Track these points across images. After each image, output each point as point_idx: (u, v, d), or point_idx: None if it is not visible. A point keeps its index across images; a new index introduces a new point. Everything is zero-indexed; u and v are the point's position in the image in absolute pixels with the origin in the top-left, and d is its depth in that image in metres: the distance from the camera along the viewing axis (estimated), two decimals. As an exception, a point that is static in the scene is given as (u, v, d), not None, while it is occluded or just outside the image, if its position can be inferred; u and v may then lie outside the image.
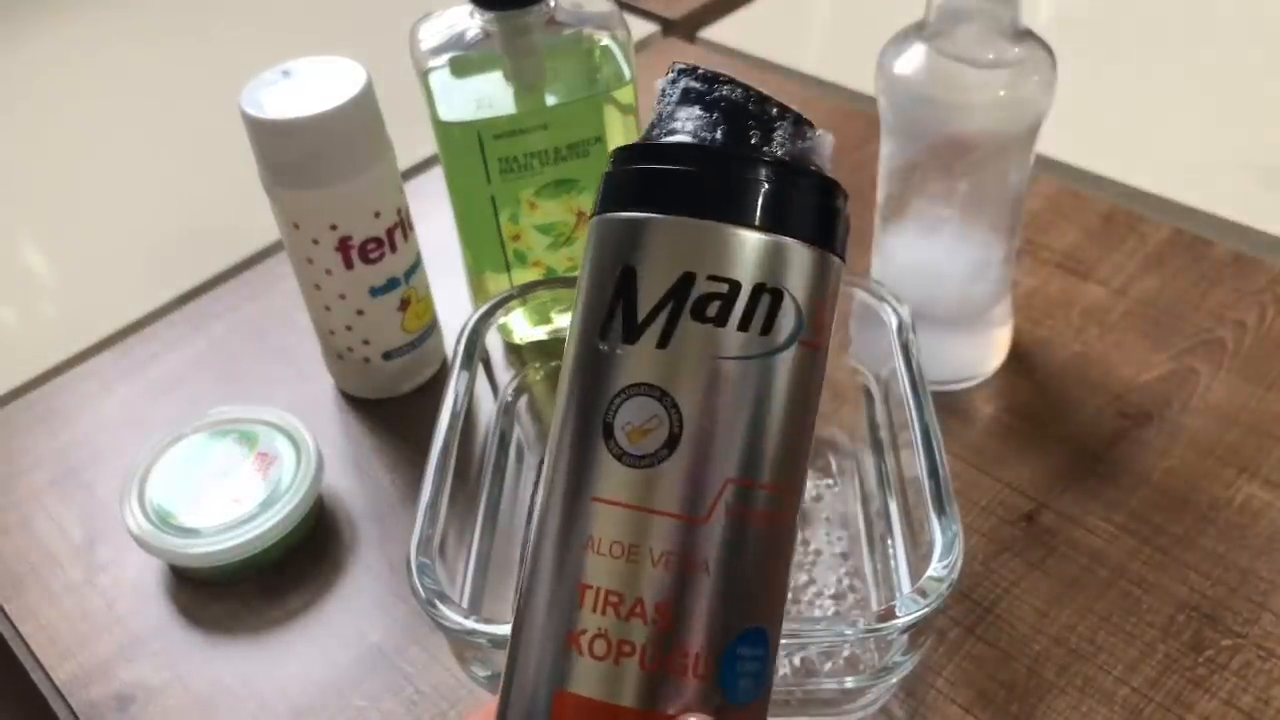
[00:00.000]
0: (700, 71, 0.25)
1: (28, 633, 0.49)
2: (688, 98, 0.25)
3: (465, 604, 0.39)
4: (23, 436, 0.59)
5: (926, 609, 0.36)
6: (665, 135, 0.25)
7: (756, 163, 0.24)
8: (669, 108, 0.25)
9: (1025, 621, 0.45)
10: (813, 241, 0.24)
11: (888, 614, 0.36)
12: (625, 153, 0.25)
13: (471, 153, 0.51)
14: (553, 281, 0.52)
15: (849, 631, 0.37)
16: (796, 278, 0.24)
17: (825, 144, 0.25)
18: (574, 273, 0.56)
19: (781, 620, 0.25)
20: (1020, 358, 0.56)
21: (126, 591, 0.50)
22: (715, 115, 0.24)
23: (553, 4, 0.51)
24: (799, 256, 0.24)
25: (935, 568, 0.37)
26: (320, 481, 0.51)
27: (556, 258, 0.56)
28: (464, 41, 0.51)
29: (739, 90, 0.25)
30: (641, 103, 0.53)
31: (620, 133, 0.53)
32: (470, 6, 0.51)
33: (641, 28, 0.87)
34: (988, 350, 0.55)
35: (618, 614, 0.23)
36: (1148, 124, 0.73)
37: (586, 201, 0.54)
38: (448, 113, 0.51)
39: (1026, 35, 0.46)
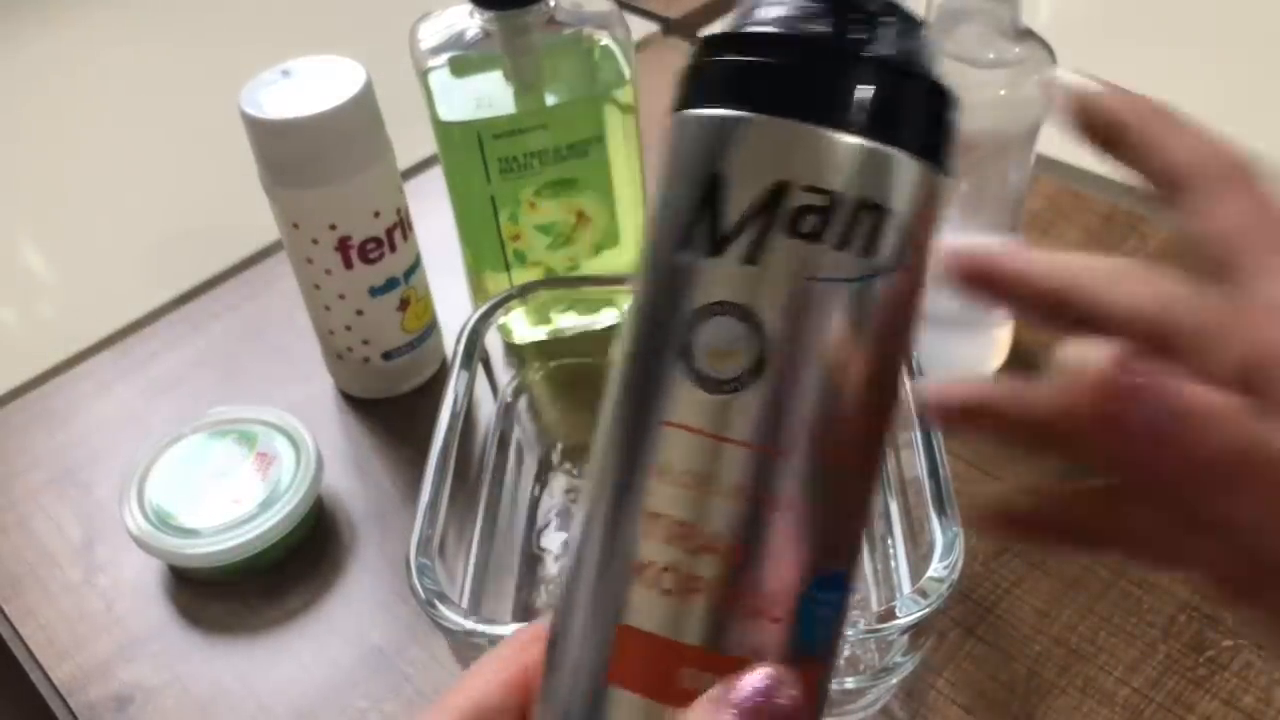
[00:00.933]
0: None
1: (26, 633, 0.49)
2: None
3: (465, 604, 0.39)
4: (21, 436, 0.59)
5: (927, 609, 0.36)
6: (760, 23, 0.22)
7: (867, 61, 0.21)
8: None
9: (1026, 622, 0.45)
10: (923, 155, 0.21)
11: (888, 614, 0.36)
12: (716, 41, 0.22)
13: (471, 152, 0.51)
14: (553, 282, 0.52)
15: (849, 632, 0.36)
16: (903, 195, 0.21)
17: (936, 46, 0.22)
18: (574, 273, 0.56)
19: (857, 569, 0.23)
20: (1020, 358, 0.56)
21: (125, 592, 0.50)
22: (819, 2, 0.21)
23: (552, 3, 0.51)
24: (908, 171, 0.21)
25: (935, 568, 0.37)
26: (320, 482, 0.51)
27: (556, 258, 0.56)
28: (464, 41, 0.51)
29: None
30: (641, 103, 0.53)
31: (620, 132, 0.53)
32: (470, 6, 0.51)
33: (641, 27, 0.87)
34: (988, 350, 0.55)
35: (687, 547, 0.21)
36: (1148, 124, 0.73)
37: (586, 201, 0.54)
38: (447, 112, 0.51)
39: (1027, 35, 0.46)
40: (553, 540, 0.49)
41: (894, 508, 0.45)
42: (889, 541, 0.45)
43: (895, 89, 0.21)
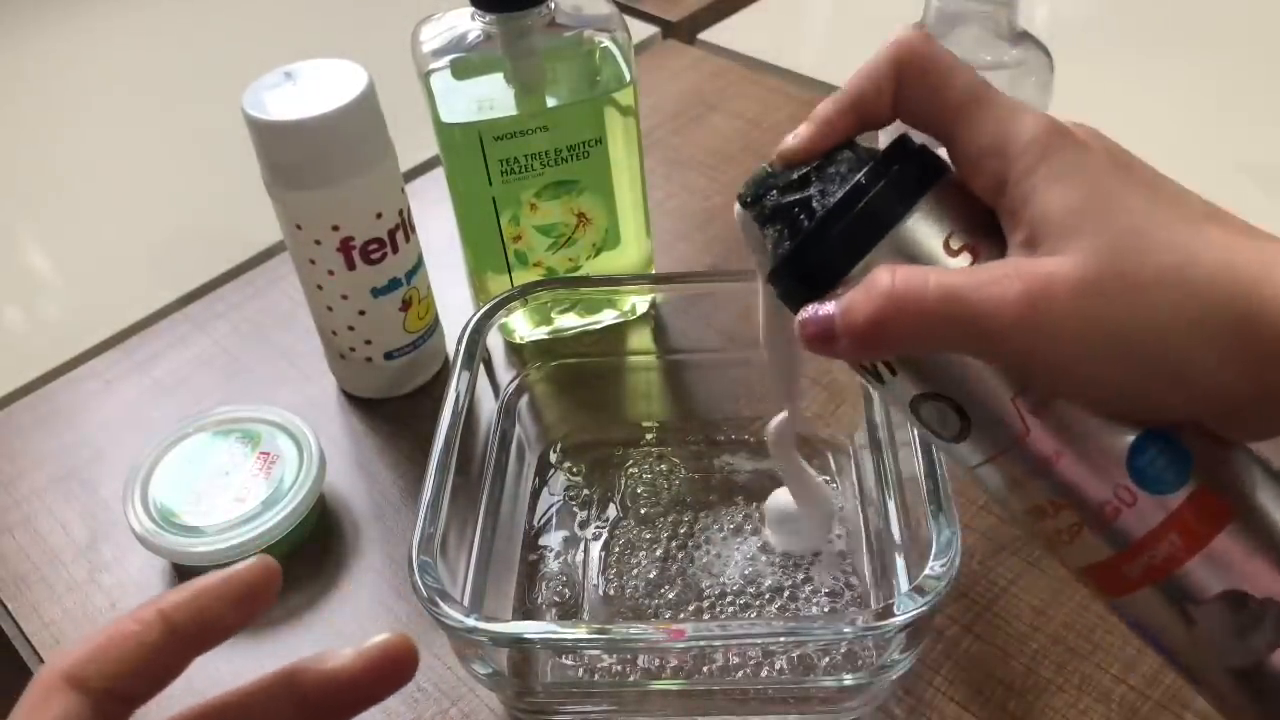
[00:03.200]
0: None
1: (30, 631, 0.49)
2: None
3: (466, 602, 0.39)
4: (26, 436, 0.59)
5: (924, 607, 0.36)
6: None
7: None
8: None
9: (1023, 619, 0.46)
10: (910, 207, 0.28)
11: (886, 612, 0.36)
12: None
13: (473, 154, 0.52)
14: (553, 282, 0.52)
15: (847, 629, 0.37)
16: None
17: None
18: (574, 273, 0.57)
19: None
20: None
21: (130, 590, 0.51)
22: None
23: (553, 6, 0.51)
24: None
25: (933, 566, 0.37)
26: (322, 481, 0.51)
27: (557, 258, 0.56)
28: (465, 43, 0.51)
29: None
30: (641, 104, 0.54)
31: (620, 134, 0.53)
32: (471, 9, 0.51)
33: (641, 30, 0.88)
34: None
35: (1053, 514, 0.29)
36: (1144, 125, 0.73)
37: (587, 203, 0.55)
38: (449, 114, 0.51)
39: (1024, 37, 0.46)
40: (553, 538, 0.49)
41: (892, 506, 0.45)
42: (887, 540, 0.45)
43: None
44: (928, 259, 0.28)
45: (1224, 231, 0.26)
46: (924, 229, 0.28)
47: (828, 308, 0.28)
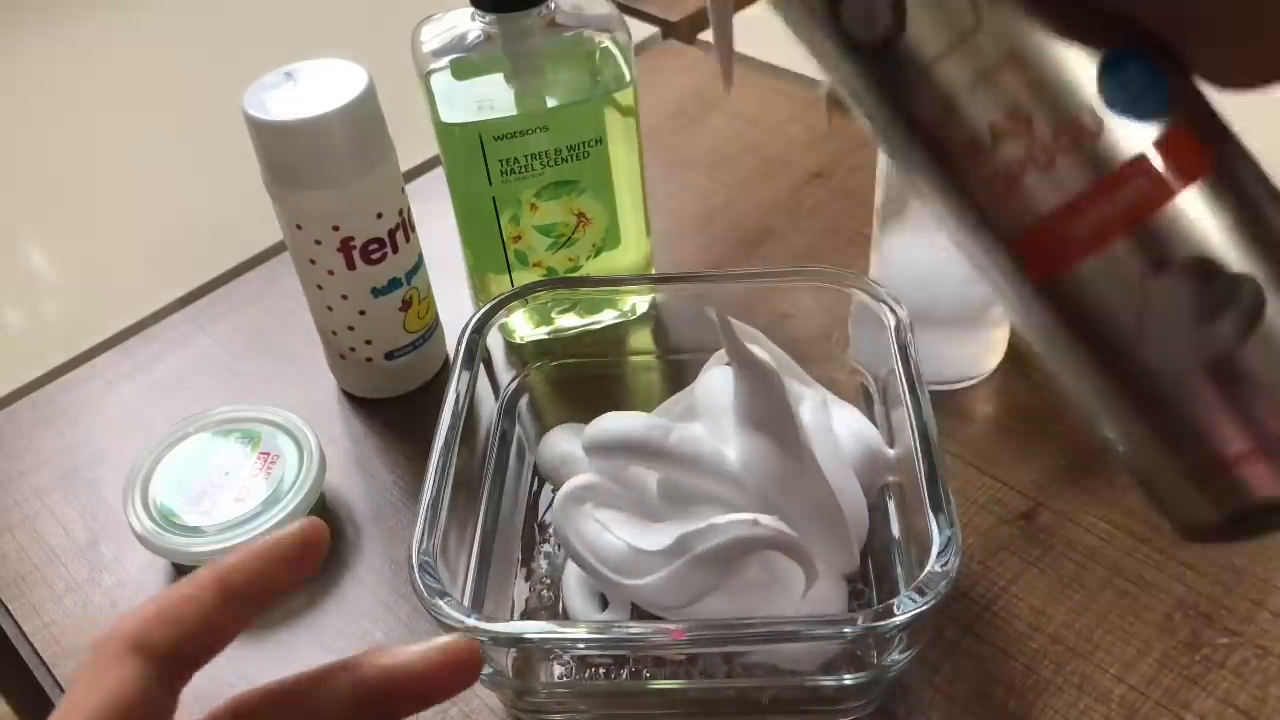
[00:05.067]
0: None
1: (31, 631, 0.50)
2: None
3: (466, 602, 0.39)
4: (26, 436, 0.59)
5: (924, 606, 0.36)
6: None
7: None
8: None
9: (1022, 619, 0.46)
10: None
11: (886, 611, 0.36)
12: None
13: (473, 154, 0.52)
14: (554, 282, 0.52)
15: (847, 629, 0.37)
16: None
17: None
18: (574, 273, 0.57)
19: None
20: (1017, 358, 0.56)
21: (130, 590, 0.51)
22: None
23: (553, 6, 0.51)
24: None
25: (933, 566, 0.37)
26: (323, 481, 0.51)
27: (557, 259, 0.56)
28: (465, 44, 0.51)
29: None
30: (641, 104, 0.54)
31: (620, 134, 0.53)
32: (471, 9, 0.51)
33: (641, 30, 0.88)
34: (985, 350, 0.56)
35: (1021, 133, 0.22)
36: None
37: (587, 202, 0.55)
38: (449, 114, 0.51)
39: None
40: (554, 538, 0.49)
41: (892, 506, 0.45)
42: (887, 539, 0.45)
43: None
44: None
45: None
46: None
47: None
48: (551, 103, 0.52)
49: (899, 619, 0.36)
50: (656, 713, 0.44)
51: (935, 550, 0.37)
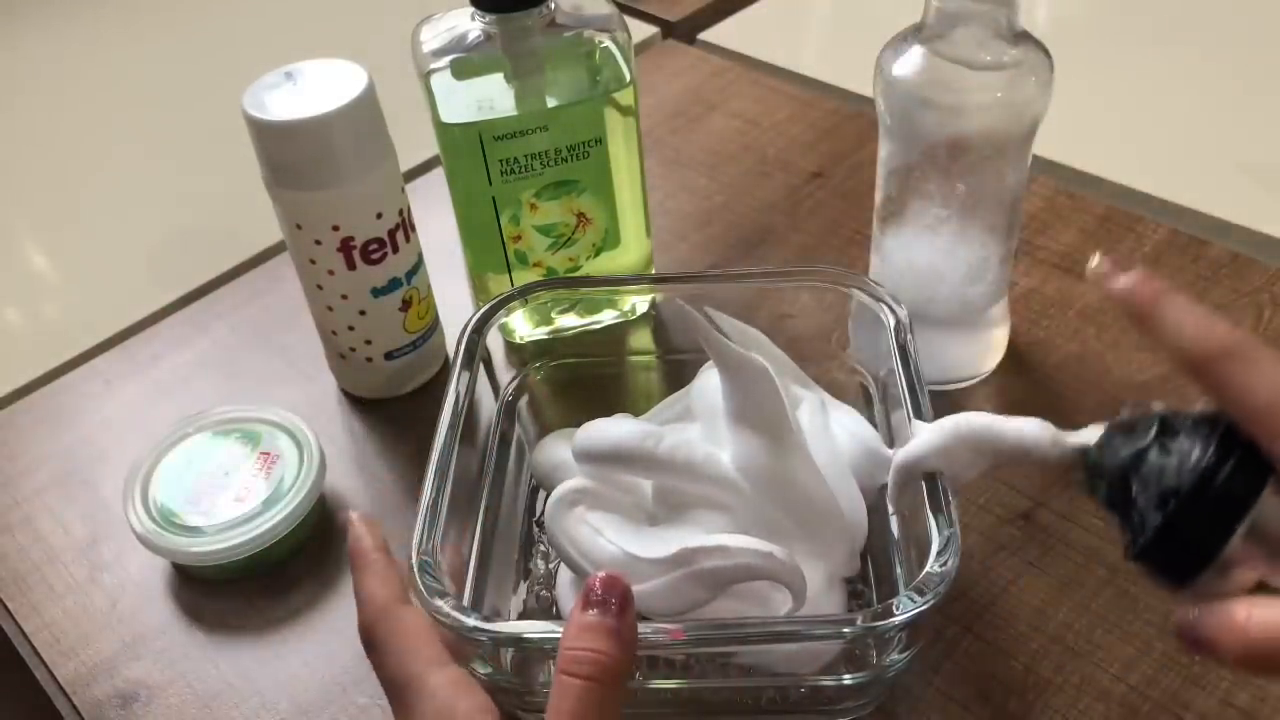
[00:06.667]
0: None
1: (31, 631, 0.50)
2: None
3: (466, 602, 0.39)
4: (26, 436, 0.59)
5: (924, 606, 0.36)
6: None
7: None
8: None
9: (1022, 619, 0.46)
10: None
11: (886, 611, 0.36)
12: None
13: (473, 154, 0.52)
14: (554, 282, 0.52)
15: (847, 629, 0.37)
16: None
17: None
18: (574, 273, 0.57)
19: None
20: (1017, 358, 0.56)
21: (130, 590, 0.51)
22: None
23: (553, 6, 0.51)
24: None
25: (933, 566, 0.37)
26: (323, 480, 0.51)
27: (557, 258, 0.56)
28: (465, 44, 0.51)
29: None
30: (641, 104, 0.54)
31: (620, 134, 0.53)
32: (471, 9, 0.51)
33: (641, 30, 0.88)
34: (985, 350, 0.56)
35: None
36: (1145, 125, 0.73)
37: (586, 203, 0.55)
38: (449, 114, 0.51)
39: (1024, 37, 0.46)
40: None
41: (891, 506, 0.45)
42: (887, 539, 0.45)
43: None
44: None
45: None
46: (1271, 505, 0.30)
47: (1206, 626, 0.29)
48: (551, 103, 0.52)
49: (898, 619, 0.36)
50: (655, 712, 0.43)
51: (935, 550, 0.37)
